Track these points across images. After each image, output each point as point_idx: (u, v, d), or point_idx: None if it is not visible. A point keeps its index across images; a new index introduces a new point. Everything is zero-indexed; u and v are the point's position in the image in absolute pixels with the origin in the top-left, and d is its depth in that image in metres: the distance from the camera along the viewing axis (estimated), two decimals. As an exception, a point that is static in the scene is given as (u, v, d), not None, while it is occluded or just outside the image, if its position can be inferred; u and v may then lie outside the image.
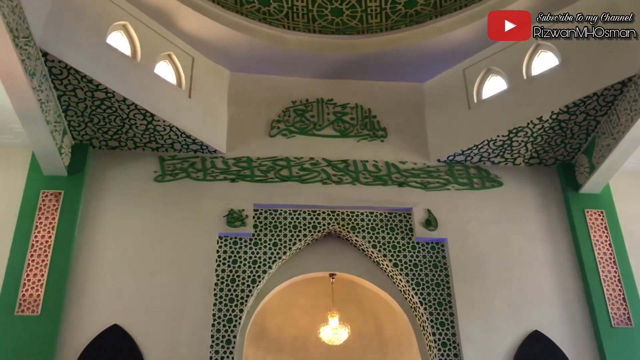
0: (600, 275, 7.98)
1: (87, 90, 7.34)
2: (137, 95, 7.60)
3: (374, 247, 8.16)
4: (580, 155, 8.52)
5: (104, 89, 7.31)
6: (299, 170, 8.48)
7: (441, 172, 8.67)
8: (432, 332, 7.68)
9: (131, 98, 7.51)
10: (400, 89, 9.25)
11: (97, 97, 7.45)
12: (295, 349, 9.38)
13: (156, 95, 7.89)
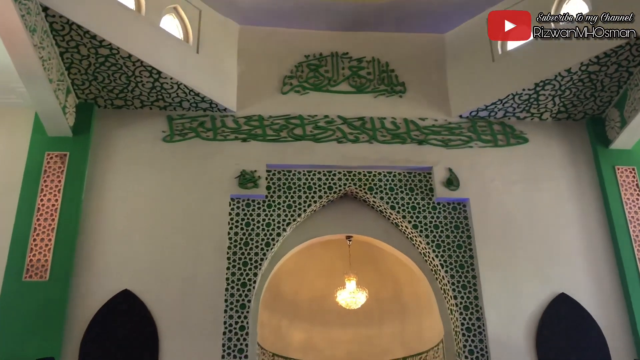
0: (630, 234, 7.91)
1: (90, 47, 7.27)
2: (143, 51, 7.52)
3: (393, 208, 8.12)
4: (611, 109, 8.35)
5: (107, 45, 7.23)
6: (313, 129, 8.40)
7: (463, 129, 8.55)
8: (454, 295, 7.67)
9: (136, 54, 7.44)
10: (419, 41, 9.08)
11: (101, 53, 7.37)
12: (311, 313, 9.44)
13: (162, 51, 7.81)
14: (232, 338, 7.28)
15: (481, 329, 7.48)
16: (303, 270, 9.35)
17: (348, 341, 9.44)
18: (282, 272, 8.61)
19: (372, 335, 9.42)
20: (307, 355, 9.20)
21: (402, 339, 9.18)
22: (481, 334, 7.46)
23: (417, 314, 9.00)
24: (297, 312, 9.38)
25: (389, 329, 9.36)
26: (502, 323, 7.47)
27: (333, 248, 9.09)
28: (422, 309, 8.78)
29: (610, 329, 7.52)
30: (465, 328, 7.49)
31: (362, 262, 9.14)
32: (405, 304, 9.26)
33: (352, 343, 9.43)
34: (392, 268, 9.13)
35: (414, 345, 8.94)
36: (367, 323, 9.42)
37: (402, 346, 9.14)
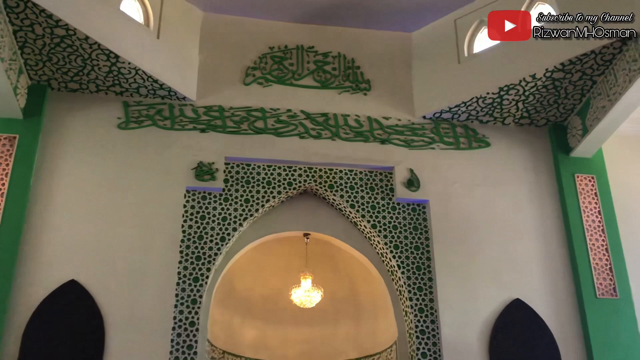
0: (587, 243, 8.06)
1: (45, 26, 7.09)
2: (101, 34, 7.37)
3: (352, 207, 8.13)
4: (573, 117, 8.50)
5: (64, 25, 7.06)
6: (274, 123, 8.35)
7: (426, 130, 8.61)
8: (409, 297, 7.72)
9: (94, 37, 7.28)
10: (386, 39, 9.12)
11: (56, 34, 7.20)
12: (264, 310, 9.40)
13: (121, 35, 7.66)
14: (181, 334, 7.20)
15: (435, 332, 7.54)
16: (258, 266, 9.29)
17: (301, 341, 9.42)
18: (236, 268, 8.55)
19: (326, 335, 9.41)
20: (258, 354, 9.15)
21: (356, 339, 9.21)
22: (435, 336, 7.52)
23: (372, 315, 9.04)
24: (250, 310, 9.32)
25: (343, 329, 9.38)
26: (456, 326, 7.54)
27: (290, 245, 9.06)
28: (378, 310, 8.81)
29: (562, 336, 7.67)
30: (420, 330, 7.54)
31: (319, 261, 9.14)
32: (361, 305, 9.28)
33: (305, 343, 9.41)
34: (349, 268, 9.15)
35: (368, 346, 8.97)
36: (321, 323, 9.42)
37: (355, 347, 9.16)
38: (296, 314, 9.31)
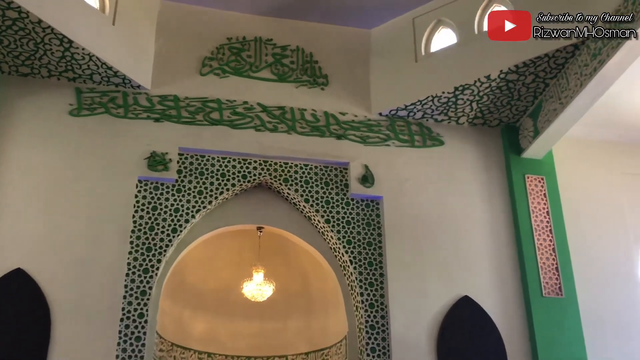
0: (535, 243, 8.30)
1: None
2: (54, 18, 7.25)
3: (307, 202, 8.21)
4: (525, 119, 8.74)
5: (16, 7, 6.93)
6: (230, 114, 8.37)
7: (382, 127, 8.75)
8: (360, 292, 7.84)
9: (47, 20, 7.16)
10: (345, 34, 9.21)
11: (8, 16, 7.07)
12: (215, 304, 9.41)
13: (76, 20, 7.55)
14: (129, 325, 7.17)
15: (385, 327, 7.69)
16: (210, 259, 9.30)
17: (252, 334, 9.47)
18: (188, 260, 8.55)
19: (277, 329, 9.49)
20: (208, 347, 9.18)
21: (307, 334, 9.31)
22: (384, 332, 7.67)
23: (323, 310, 9.14)
24: (200, 302, 9.33)
25: (294, 324, 9.46)
26: (405, 322, 7.70)
27: (243, 238, 9.10)
28: (329, 305, 8.92)
29: (509, 334, 7.89)
30: (370, 326, 7.68)
31: (272, 255, 9.19)
32: (312, 299, 9.38)
33: (255, 336, 9.47)
34: (302, 262, 9.23)
35: (318, 340, 9.08)
36: (272, 316, 9.48)
37: (306, 341, 9.26)
38: (247, 308, 9.36)
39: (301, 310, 9.46)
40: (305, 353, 9.18)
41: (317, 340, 9.11)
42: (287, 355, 9.28)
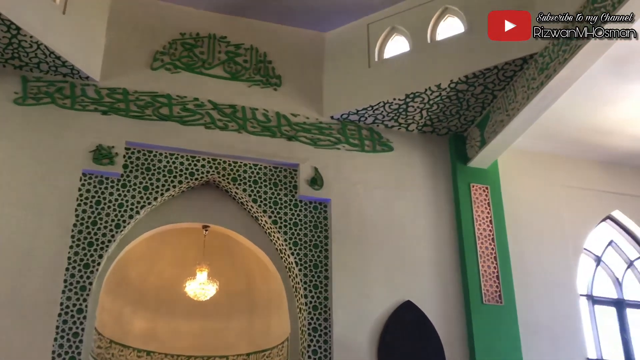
0: (477, 250, 8.51)
1: (-61, -10, 6.80)
2: (2, 3, 7.13)
3: (254, 202, 8.24)
4: (473, 129, 8.97)
5: (-40, -10, 6.80)
6: (180, 110, 8.34)
7: (333, 130, 8.84)
8: (305, 294, 7.91)
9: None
10: (300, 36, 9.29)
11: (-48, -1, 6.92)
12: (157, 301, 9.34)
13: (25, 7, 7.43)
14: (67, 320, 7.07)
15: (327, 330, 7.77)
16: (154, 256, 9.23)
17: (193, 334, 9.42)
18: (130, 256, 8.46)
19: (219, 329, 9.46)
20: (148, 345, 9.10)
21: (249, 335, 9.31)
22: (327, 334, 7.75)
23: (266, 311, 9.16)
24: (142, 300, 9.24)
25: (236, 324, 9.45)
26: (348, 325, 7.80)
27: (188, 237, 9.06)
28: (272, 306, 8.95)
29: (448, 339, 8.06)
30: (312, 328, 7.75)
31: (217, 254, 9.18)
32: (256, 300, 9.39)
33: (197, 336, 9.42)
34: (247, 262, 9.24)
35: (260, 342, 9.10)
36: (214, 316, 9.45)
37: (248, 342, 9.26)
38: (189, 307, 9.30)
39: (244, 311, 9.46)
40: (247, 354, 9.18)
41: (259, 341, 9.13)
42: (228, 355, 9.26)
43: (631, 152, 9.65)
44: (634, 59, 7.60)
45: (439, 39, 8.52)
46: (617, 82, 8.07)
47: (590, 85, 7.95)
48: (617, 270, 9.66)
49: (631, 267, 9.72)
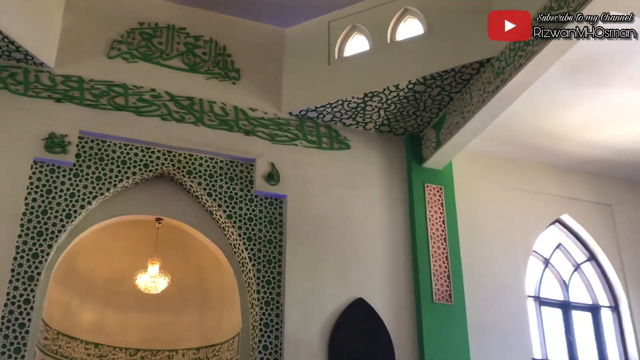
0: (429, 250, 8.67)
1: None
2: (-48, -17, 7.00)
3: (209, 196, 8.24)
4: (429, 129, 9.12)
5: None
6: (136, 101, 8.29)
7: (291, 126, 8.89)
8: (257, 289, 7.95)
9: (-57, -15, 6.89)
10: (260, 31, 9.31)
11: None
12: (107, 294, 9.26)
13: (-24, -13, 7.30)
14: (14, 311, 6.99)
15: (279, 326, 7.84)
16: (104, 248, 9.15)
17: (143, 327, 9.37)
18: (81, 247, 8.40)
19: (170, 322, 9.44)
20: (96, 338, 9.02)
21: (200, 329, 9.32)
22: (278, 330, 7.82)
23: (218, 306, 9.18)
24: (91, 291, 9.15)
25: (187, 318, 9.45)
26: (299, 321, 7.88)
27: (140, 229, 9.01)
28: (224, 301, 8.97)
29: (399, 337, 8.20)
30: (264, 323, 7.81)
31: (170, 247, 9.15)
32: (208, 294, 9.40)
33: (147, 329, 9.38)
34: (200, 257, 9.23)
35: (211, 336, 9.11)
36: (165, 310, 9.42)
37: (199, 336, 9.27)
38: (139, 300, 9.26)
39: (196, 305, 9.46)
40: (197, 348, 9.19)
41: (210, 335, 9.15)
42: (178, 349, 9.25)
43: (582, 158, 9.93)
44: (588, 66, 7.82)
45: (399, 39, 8.65)
46: (571, 88, 8.29)
47: (545, 90, 8.15)
48: (564, 273, 9.95)
49: (578, 270, 10.02)
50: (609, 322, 9.73)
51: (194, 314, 9.44)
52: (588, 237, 10.00)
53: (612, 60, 7.71)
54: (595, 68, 7.87)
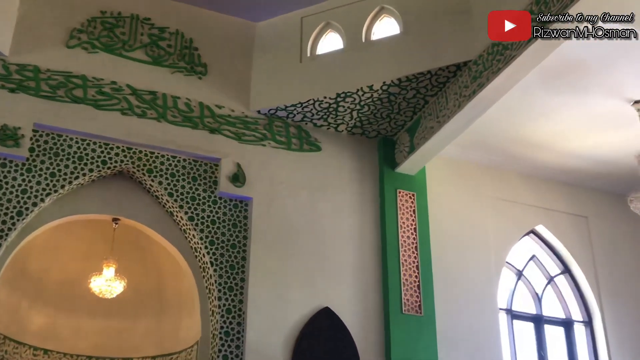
0: (400, 259, 8.70)
1: None
2: None
3: (170, 196, 8.18)
4: (402, 133, 9.17)
5: None
6: (96, 93, 8.20)
7: (259, 125, 8.87)
8: (218, 296, 7.90)
9: None
10: (230, 24, 9.27)
11: None
12: (58, 297, 9.11)
13: None
14: (-44, 313, 6.86)
15: (240, 335, 7.80)
16: (57, 248, 9.01)
17: (96, 332, 9.24)
18: (32, 246, 8.28)
19: (125, 329, 9.32)
20: (46, 343, 8.87)
21: (157, 336, 9.21)
22: (239, 339, 7.77)
23: (176, 312, 9.10)
24: (41, 294, 9.00)
25: (143, 325, 9.33)
26: (262, 330, 7.85)
27: (96, 229, 8.90)
28: (183, 308, 8.90)
29: (365, 348, 8.22)
30: (224, 332, 7.76)
31: (127, 249, 9.05)
32: (166, 300, 9.31)
33: (100, 335, 9.25)
34: (159, 260, 9.14)
35: (168, 344, 9.03)
36: (120, 315, 9.30)
37: (155, 344, 9.16)
38: (93, 304, 9.13)
39: (153, 311, 9.36)
40: (153, 357, 9.09)
41: (167, 344, 9.05)
42: (132, 357, 9.13)
43: (558, 168, 10.07)
44: (566, 73, 7.91)
45: (374, 38, 8.68)
46: (549, 95, 8.37)
47: (523, 96, 8.23)
48: (537, 286, 10.07)
49: (551, 284, 10.16)
50: (582, 337, 9.88)
51: (151, 320, 9.34)
52: (563, 250, 10.15)
53: (591, 68, 7.82)
54: (574, 75, 7.97)
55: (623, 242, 10.48)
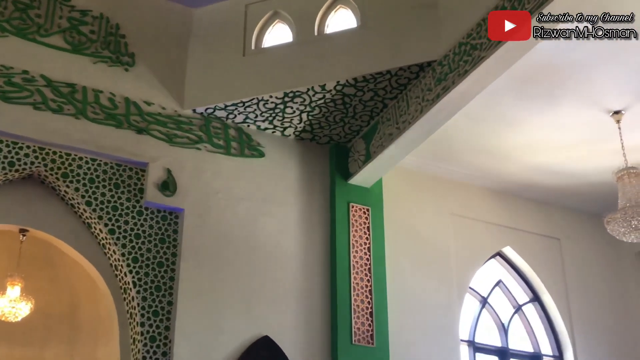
0: (351, 282, 8.61)
1: None
2: None
3: (88, 205, 7.96)
4: (357, 140, 9.11)
5: None
6: (4, 84, 7.90)
7: (194, 126, 8.72)
8: (142, 322, 7.71)
9: None
10: (163, 10, 9.11)
11: None
12: (-47, 320, 8.88)
13: None
14: None
15: (165, 366, 7.63)
16: (-48, 262, 8.76)
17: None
18: None
19: (31, 357, 9.15)
20: None
21: (68, 366, 9.04)
22: (164, 371, 7.61)
23: (92, 339, 8.98)
24: None
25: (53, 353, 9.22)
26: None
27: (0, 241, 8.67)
28: (100, 334, 8.78)
29: (311, 383, 8.15)
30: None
31: (35, 266, 8.95)
32: (80, 325, 9.19)
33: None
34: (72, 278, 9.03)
35: (82, 376, 8.85)
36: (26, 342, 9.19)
37: (66, 376, 8.98)
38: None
39: (64, 337, 9.23)
40: (65, 389, 8.92)
41: (81, 375, 8.86)
42: (38, 392, 8.94)
43: (528, 184, 10.19)
44: (539, 79, 7.98)
45: (328, 32, 8.59)
46: (520, 103, 8.45)
47: (491, 103, 8.31)
48: (503, 315, 10.12)
49: (518, 313, 10.23)
50: (552, 374, 9.98)
51: (61, 347, 9.22)
52: (532, 275, 10.26)
53: (564, 75, 7.92)
54: (546, 82, 8.06)
55: (598, 267, 10.66)
